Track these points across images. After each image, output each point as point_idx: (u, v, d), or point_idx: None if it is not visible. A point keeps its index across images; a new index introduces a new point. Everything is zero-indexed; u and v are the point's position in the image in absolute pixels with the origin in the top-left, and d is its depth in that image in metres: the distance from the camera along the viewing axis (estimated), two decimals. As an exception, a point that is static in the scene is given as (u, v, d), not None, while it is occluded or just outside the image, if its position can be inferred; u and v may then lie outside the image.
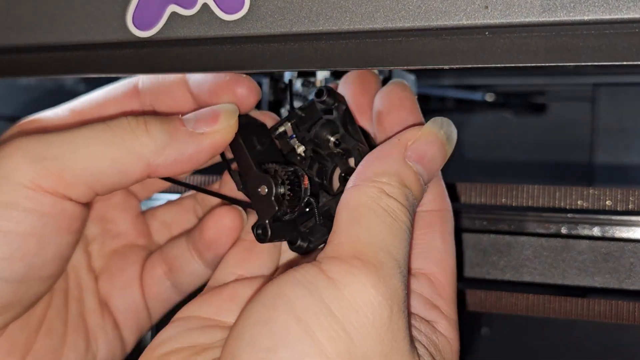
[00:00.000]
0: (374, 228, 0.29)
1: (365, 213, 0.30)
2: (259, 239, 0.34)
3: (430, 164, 0.33)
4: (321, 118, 0.36)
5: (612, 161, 0.79)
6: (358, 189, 0.31)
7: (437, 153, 0.33)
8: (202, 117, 0.35)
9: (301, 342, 0.26)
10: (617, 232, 0.43)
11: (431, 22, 0.30)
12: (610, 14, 0.28)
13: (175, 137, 0.34)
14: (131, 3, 0.35)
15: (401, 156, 0.32)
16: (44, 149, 0.32)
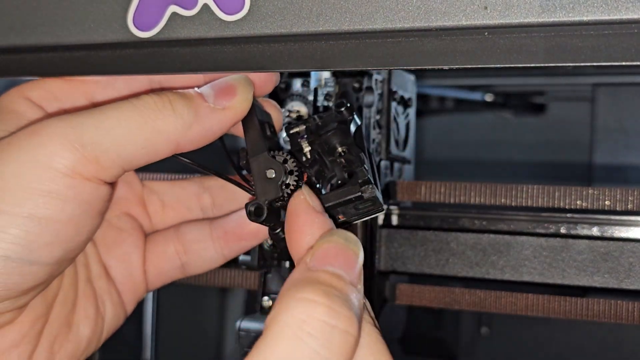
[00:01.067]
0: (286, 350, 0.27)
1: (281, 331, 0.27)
2: (253, 216, 0.34)
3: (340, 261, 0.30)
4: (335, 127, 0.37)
5: (611, 161, 0.79)
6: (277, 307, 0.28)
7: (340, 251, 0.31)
8: (220, 91, 0.35)
9: None
10: (616, 232, 0.43)
11: (431, 22, 0.30)
12: (609, 14, 0.28)
13: (199, 114, 0.34)
14: (132, 3, 0.35)
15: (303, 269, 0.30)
16: (81, 135, 0.32)
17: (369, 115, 0.46)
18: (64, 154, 0.31)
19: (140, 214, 0.41)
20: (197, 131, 0.34)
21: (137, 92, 0.38)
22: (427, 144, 0.90)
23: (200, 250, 0.40)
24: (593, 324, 0.67)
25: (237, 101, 0.35)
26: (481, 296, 0.45)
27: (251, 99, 0.36)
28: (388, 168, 0.48)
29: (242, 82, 0.36)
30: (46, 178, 0.31)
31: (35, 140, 0.32)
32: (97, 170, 0.32)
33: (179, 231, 0.41)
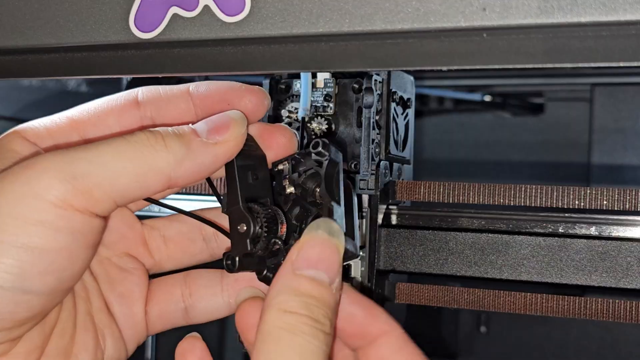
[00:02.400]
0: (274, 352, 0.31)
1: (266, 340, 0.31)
2: (227, 268, 0.36)
3: (323, 263, 0.34)
4: (312, 168, 0.37)
5: (609, 161, 0.79)
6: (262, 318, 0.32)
7: (323, 251, 0.34)
8: (214, 127, 0.35)
9: None
10: (614, 232, 0.43)
11: (430, 24, 0.30)
12: (607, 15, 0.28)
13: (192, 149, 0.34)
14: (133, 5, 0.35)
15: (289, 271, 0.33)
16: (73, 167, 0.33)
17: (369, 116, 0.46)
18: (56, 186, 0.32)
19: (141, 253, 0.41)
20: (189, 166, 0.34)
21: (129, 128, 0.39)
22: (426, 144, 0.90)
23: (207, 296, 0.41)
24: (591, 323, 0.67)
25: (230, 136, 0.35)
26: (480, 295, 0.46)
27: (245, 133, 0.36)
28: (387, 168, 0.48)
29: (236, 118, 0.36)
30: (39, 209, 0.32)
31: (28, 173, 0.32)
32: (89, 203, 0.33)
33: (188, 275, 0.41)
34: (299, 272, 0.33)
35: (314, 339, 0.31)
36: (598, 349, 0.68)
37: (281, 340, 0.31)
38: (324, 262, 0.33)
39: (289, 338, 0.31)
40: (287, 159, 0.38)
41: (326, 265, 0.33)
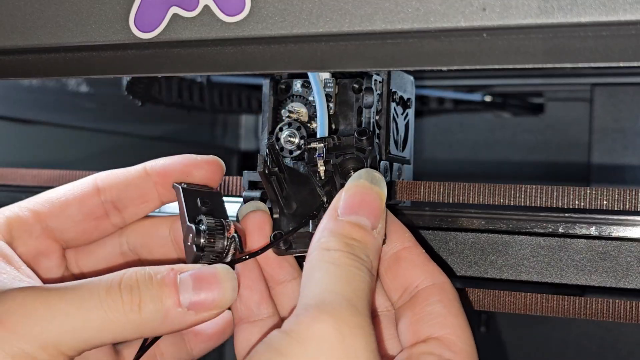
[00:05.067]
0: (317, 279, 0.33)
1: (311, 272, 0.33)
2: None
3: (364, 209, 0.35)
4: (353, 152, 0.39)
5: (609, 161, 0.79)
6: (307, 259, 0.34)
7: (364, 197, 0.35)
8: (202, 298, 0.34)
9: None
10: (614, 232, 0.43)
11: (430, 24, 0.30)
12: (607, 15, 0.28)
13: (169, 318, 0.33)
14: (133, 5, 0.35)
15: (331, 217, 0.35)
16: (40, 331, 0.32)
17: (369, 116, 0.46)
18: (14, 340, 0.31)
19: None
20: (161, 331, 0.34)
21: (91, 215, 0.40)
22: (426, 144, 0.90)
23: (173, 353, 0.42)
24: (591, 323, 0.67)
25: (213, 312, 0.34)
26: (479, 295, 0.46)
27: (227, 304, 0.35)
28: (387, 168, 0.48)
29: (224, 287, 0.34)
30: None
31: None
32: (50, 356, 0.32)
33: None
34: (340, 218, 0.35)
35: (357, 269, 0.33)
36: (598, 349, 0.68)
37: (326, 270, 0.33)
38: (365, 208, 0.35)
39: (333, 268, 0.33)
40: (322, 140, 0.40)
41: (367, 211, 0.35)
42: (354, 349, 0.30)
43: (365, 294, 0.33)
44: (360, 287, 0.33)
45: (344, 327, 0.31)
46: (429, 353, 0.34)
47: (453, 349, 0.35)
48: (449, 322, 0.36)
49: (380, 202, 0.36)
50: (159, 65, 0.36)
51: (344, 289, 0.32)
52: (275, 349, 0.30)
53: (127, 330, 0.33)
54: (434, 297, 0.36)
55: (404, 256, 0.38)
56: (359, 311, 0.32)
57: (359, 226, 0.35)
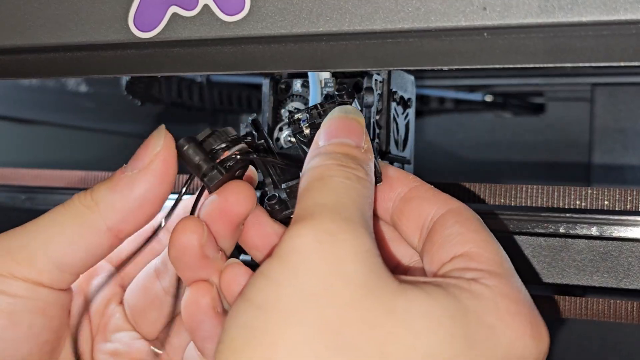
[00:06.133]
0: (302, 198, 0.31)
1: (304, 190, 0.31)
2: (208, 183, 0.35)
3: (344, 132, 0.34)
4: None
5: (610, 161, 0.79)
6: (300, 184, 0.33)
7: (343, 124, 0.34)
8: (136, 155, 0.35)
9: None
10: (615, 232, 0.43)
11: (430, 23, 0.30)
12: (607, 15, 0.28)
13: (118, 189, 0.34)
14: (133, 4, 0.35)
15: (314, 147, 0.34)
16: (10, 241, 0.34)
17: (369, 116, 0.46)
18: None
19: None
20: (123, 206, 0.34)
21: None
22: (426, 144, 0.90)
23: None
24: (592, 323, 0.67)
25: (151, 154, 0.34)
26: (480, 295, 0.46)
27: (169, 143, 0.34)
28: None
29: (152, 136, 0.35)
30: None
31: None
32: (30, 272, 0.33)
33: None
34: (323, 144, 0.33)
35: (346, 179, 0.31)
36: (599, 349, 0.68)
37: (310, 186, 0.31)
38: (345, 131, 0.34)
39: (317, 183, 0.31)
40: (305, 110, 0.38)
41: (348, 133, 0.34)
42: (337, 256, 0.28)
43: (353, 200, 0.31)
44: (347, 193, 0.31)
45: (323, 234, 0.28)
46: (453, 269, 0.32)
47: (478, 260, 0.32)
48: (470, 237, 0.33)
49: (358, 124, 0.34)
50: (159, 65, 0.36)
51: (326, 198, 0.30)
52: (260, 271, 0.29)
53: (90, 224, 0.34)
54: (450, 221, 0.34)
55: (412, 196, 0.35)
56: (343, 216, 0.29)
57: (343, 144, 0.33)
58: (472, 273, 0.31)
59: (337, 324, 0.27)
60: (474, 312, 0.29)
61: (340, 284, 0.28)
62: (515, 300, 0.30)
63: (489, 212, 0.46)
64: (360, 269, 0.28)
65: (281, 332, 0.27)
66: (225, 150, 0.35)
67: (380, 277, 0.28)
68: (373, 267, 0.28)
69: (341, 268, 0.28)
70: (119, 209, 0.34)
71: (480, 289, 0.30)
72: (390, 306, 0.28)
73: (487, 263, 0.31)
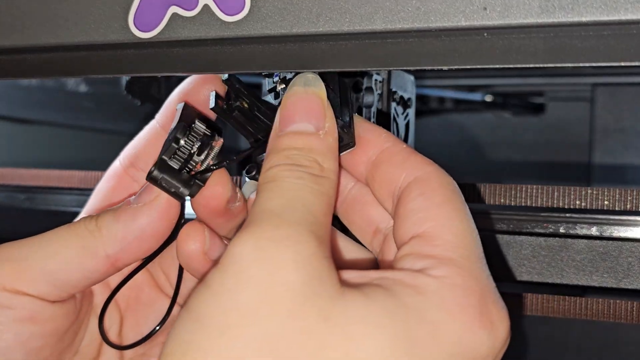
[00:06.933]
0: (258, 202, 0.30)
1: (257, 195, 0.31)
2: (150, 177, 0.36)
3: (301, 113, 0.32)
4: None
5: (610, 161, 0.79)
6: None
7: (301, 103, 0.33)
8: (144, 189, 0.36)
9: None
10: (615, 232, 0.43)
11: (430, 23, 0.30)
12: (608, 15, 0.28)
13: (122, 219, 0.35)
14: (132, 4, 0.35)
15: (273, 137, 0.33)
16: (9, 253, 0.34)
17: (369, 116, 0.46)
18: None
19: None
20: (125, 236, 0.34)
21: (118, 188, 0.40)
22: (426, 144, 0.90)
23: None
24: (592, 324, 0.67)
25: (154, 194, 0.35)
26: (480, 296, 0.46)
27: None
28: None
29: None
30: None
31: None
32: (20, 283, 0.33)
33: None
34: (279, 134, 0.32)
35: (297, 179, 0.30)
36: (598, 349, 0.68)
37: (261, 191, 0.30)
38: (302, 112, 0.32)
39: (269, 186, 0.30)
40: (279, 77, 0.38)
41: (306, 115, 0.32)
42: (276, 263, 0.27)
43: (303, 201, 0.29)
44: (296, 195, 0.29)
45: (264, 242, 0.27)
46: (407, 254, 0.30)
47: (434, 243, 0.30)
48: (431, 214, 0.30)
49: (318, 100, 0.32)
50: (159, 65, 0.36)
51: (273, 202, 0.29)
52: (203, 281, 0.28)
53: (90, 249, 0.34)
54: (414, 192, 0.31)
55: (382, 159, 0.33)
56: (289, 221, 0.28)
57: (299, 133, 0.32)
58: (423, 262, 0.29)
59: (274, 337, 0.26)
60: (415, 310, 0.27)
61: (279, 293, 0.27)
62: (464, 289, 0.28)
63: (488, 212, 0.46)
64: (300, 276, 0.27)
65: (215, 348, 0.26)
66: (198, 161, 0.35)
67: (321, 282, 0.27)
68: (313, 273, 0.27)
69: (280, 276, 0.27)
70: (119, 239, 0.35)
71: (425, 282, 0.28)
72: (326, 313, 0.27)
73: (443, 247, 0.30)
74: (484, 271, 0.30)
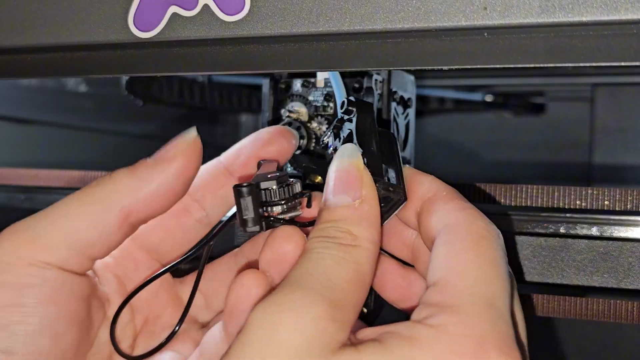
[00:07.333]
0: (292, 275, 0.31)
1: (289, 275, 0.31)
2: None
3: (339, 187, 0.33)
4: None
5: (610, 161, 0.79)
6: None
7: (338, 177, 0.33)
8: (162, 148, 0.36)
9: None
10: (616, 232, 0.43)
11: (430, 23, 0.30)
12: (608, 15, 0.28)
13: (137, 172, 0.35)
14: (132, 4, 0.35)
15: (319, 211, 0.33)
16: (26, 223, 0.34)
17: (369, 116, 0.46)
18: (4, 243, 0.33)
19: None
20: (140, 190, 0.34)
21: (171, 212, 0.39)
22: (426, 144, 0.90)
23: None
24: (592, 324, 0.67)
25: (178, 148, 0.35)
26: (481, 296, 0.46)
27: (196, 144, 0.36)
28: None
29: (183, 133, 0.36)
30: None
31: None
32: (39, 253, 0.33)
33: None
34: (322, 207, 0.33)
35: (324, 249, 0.31)
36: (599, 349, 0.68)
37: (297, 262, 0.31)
38: (340, 184, 0.33)
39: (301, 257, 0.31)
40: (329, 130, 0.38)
41: (344, 187, 0.33)
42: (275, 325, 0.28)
43: (323, 267, 0.30)
44: (317, 264, 0.30)
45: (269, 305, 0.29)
46: (419, 305, 0.30)
47: (443, 291, 0.29)
48: (449, 263, 0.30)
49: (354, 170, 0.33)
50: (158, 65, 0.36)
51: (293, 273, 0.30)
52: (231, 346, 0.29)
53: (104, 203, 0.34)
54: (440, 240, 0.31)
55: (424, 209, 0.34)
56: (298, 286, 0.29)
57: (336, 207, 0.32)
58: (427, 311, 0.29)
59: None
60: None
61: (273, 353, 0.27)
62: (457, 337, 0.28)
63: (488, 212, 0.46)
64: (296, 338, 0.28)
65: None
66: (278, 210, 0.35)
67: (319, 344, 0.28)
68: (314, 335, 0.28)
69: (277, 338, 0.28)
70: (134, 191, 0.34)
71: (419, 332, 0.28)
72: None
73: (450, 294, 0.29)
74: (490, 316, 0.29)
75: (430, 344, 0.28)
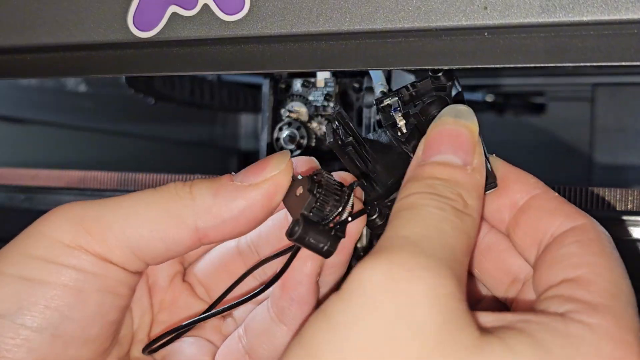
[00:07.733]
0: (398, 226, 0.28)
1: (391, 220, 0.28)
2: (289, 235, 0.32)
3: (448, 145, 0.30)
4: (433, 96, 0.34)
5: (611, 161, 0.79)
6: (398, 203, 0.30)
7: (449, 134, 0.30)
8: (251, 169, 0.33)
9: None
10: (616, 232, 0.43)
11: (431, 22, 0.30)
12: (608, 14, 0.28)
13: (221, 194, 0.32)
14: (132, 4, 0.35)
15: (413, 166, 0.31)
16: (85, 211, 0.32)
17: (369, 115, 0.46)
18: (64, 226, 0.32)
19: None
20: (219, 213, 0.32)
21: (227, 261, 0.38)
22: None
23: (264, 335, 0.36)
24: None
25: (267, 175, 0.32)
26: (481, 296, 0.46)
27: (288, 170, 0.33)
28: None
29: (276, 157, 0.33)
30: (44, 246, 0.31)
31: (44, 217, 0.32)
32: (100, 246, 0.32)
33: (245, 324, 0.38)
34: (423, 162, 0.30)
35: (439, 209, 0.28)
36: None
37: (397, 218, 0.28)
38: (450, 143, 0.30)
39: (406, 214, 0.28)
40: (395, 93, 0.35)
41: (453, 147, 0.30)
42: (409, 297, 0.24)
43: (444, 234, 0.27)
44: (437, 226, 0.27)
45: (397, 270, 0.25)
46: (556, 296, 0.27)
47: (589, 288, 0.27)
48: (586, 260, 0.28)
49: (469, 134, 0.30)
50: (158, 65, 0.36)
51: (411, 230, 0.27)
52: (321, 309, 0.25)
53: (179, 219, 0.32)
54: (569, 239, 0.29)
55: (532, 205, 0.31)
56: (427, 252, 0.25)
57: (445, 164, 0.29)
58: (574, 305, 0.27)
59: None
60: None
61: (408, 333, 0.24)
62: (622, 343, 0.26)
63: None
64: (435, 316, 0.24)
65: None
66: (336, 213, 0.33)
67: (457, 327, 0.25)
68: (450, 316, 0.25)
69: (412, 313, 0.24)
70: (213, 214, 0.32)
71: (577, 330, 0.26)
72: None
73: (598, 293, 0.27)
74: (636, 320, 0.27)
75: (596, 347, 0.25)
